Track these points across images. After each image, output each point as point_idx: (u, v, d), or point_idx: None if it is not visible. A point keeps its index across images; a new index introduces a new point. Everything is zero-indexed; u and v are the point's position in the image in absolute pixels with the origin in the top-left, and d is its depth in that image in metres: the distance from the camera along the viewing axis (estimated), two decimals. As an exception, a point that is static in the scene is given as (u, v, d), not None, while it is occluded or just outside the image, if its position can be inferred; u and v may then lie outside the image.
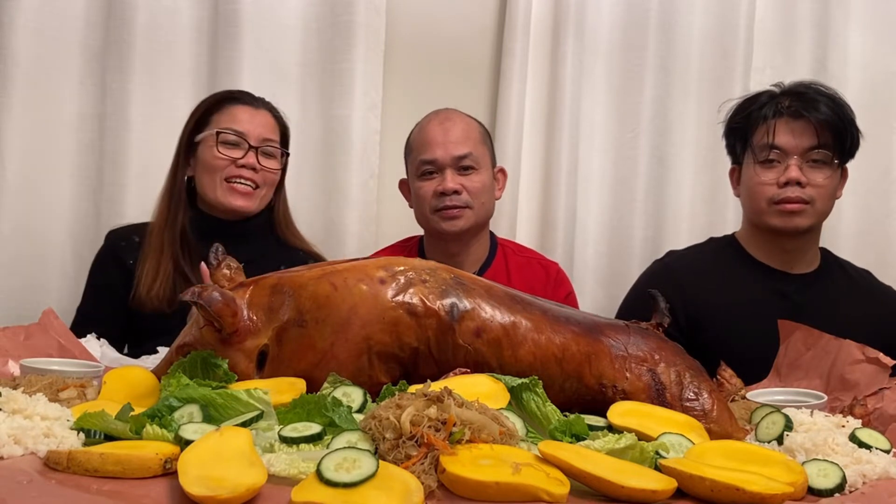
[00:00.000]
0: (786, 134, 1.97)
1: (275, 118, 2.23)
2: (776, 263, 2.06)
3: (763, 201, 2.00)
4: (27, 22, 2.53)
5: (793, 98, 2.00)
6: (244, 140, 2.13)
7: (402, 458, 0.96)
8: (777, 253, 2.05)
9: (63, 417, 1.08)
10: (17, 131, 2.53)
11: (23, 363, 1.42)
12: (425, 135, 2.18)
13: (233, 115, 2.16)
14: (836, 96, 2.01)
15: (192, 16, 2.66)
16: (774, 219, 1.99)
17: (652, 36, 2.82)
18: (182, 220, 2.15)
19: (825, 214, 2.03)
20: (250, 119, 2.16)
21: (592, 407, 1.27)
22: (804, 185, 1.96)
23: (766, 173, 1.99)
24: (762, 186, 1.99)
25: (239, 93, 2.24)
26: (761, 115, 2.01)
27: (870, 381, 1.47)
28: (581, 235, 2.84)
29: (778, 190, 1.97)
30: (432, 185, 2.15)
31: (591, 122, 2.85)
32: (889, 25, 2.90)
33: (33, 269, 2.57)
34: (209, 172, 2.14)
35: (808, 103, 1.97)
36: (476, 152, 2.17)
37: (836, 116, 1.96)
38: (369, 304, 1.28)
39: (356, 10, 2.66)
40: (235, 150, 2.13)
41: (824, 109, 1.96)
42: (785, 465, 1.02)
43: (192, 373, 1.24)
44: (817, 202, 1.98)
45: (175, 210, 2.16)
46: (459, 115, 2.23)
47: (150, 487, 0.91)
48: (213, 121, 2.17)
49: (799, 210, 1.97)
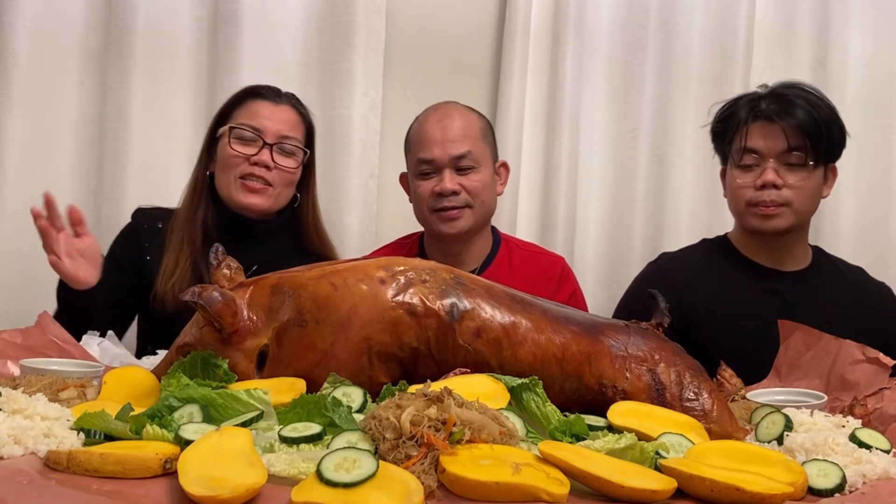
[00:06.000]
0: (760, 138, 2.01)
1: (299, 114, 2.17)
2: (767, 261, 2.09)
3: (742, 203, 2.04)
4: (27, 22, 2.52)
5: (771, 101, 2.03)
6: (259, 136, 2.08)
7: (402, 458, 0.96)
8: (766, 251, 2.09)
9: (63, 417, 1.08)
10: (17, 131, 2.53)
11: (22, 363, 1.42)
12: (424, 132, 2.14)
13: (252, 110, 2.12)
14: (816, 98, 2.03)
15: (192, 16, 2.65)
16: (752, 220, 2.04)
17: (652, 36, 2.82)
18: (204, 216, 2.11)
19: (807, 214, 2.06)
20: (269, 115, 2.11)
21: (592, 407, 1.27)
22: (780, 187, 1.99)
23: (744, 176, 2.03)
24: (740, 189, 2.04)
25: (263, 88, 2.18)
26: (739, 119, 2.05)
27: (870, 381, 1.47)
28: (581, 235, 2.83)
29: (755, 192, 2.01)
30: (430, 184, 2.12)
31: (591, 122, 2.84)
32: (889, 25, 2.89)
33: (33, 269, 2.56)
34: (224, 169, 2.10)
35: (785, 106, 2.00)
36: (475, 150, 2.12)
37: (810, 119, 1.98)
38: (369, 304, 1.28)
39: (356, 10, 2.66)
40: (250, 147, 2.08)
41: (799, 113, 1.99)
42: (785, 465, 1.02)
43: (192, 373, 1.24)
44: (795, 203, 2.00)
45: (197, 205, 2.12)
46: (459, 111, 2.18)
47: (150, 487, 0.91)
48: (234, 116, 2.13)
49: (775, 213, 2.00)
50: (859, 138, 2.86)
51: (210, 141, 2.16)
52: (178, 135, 2.65)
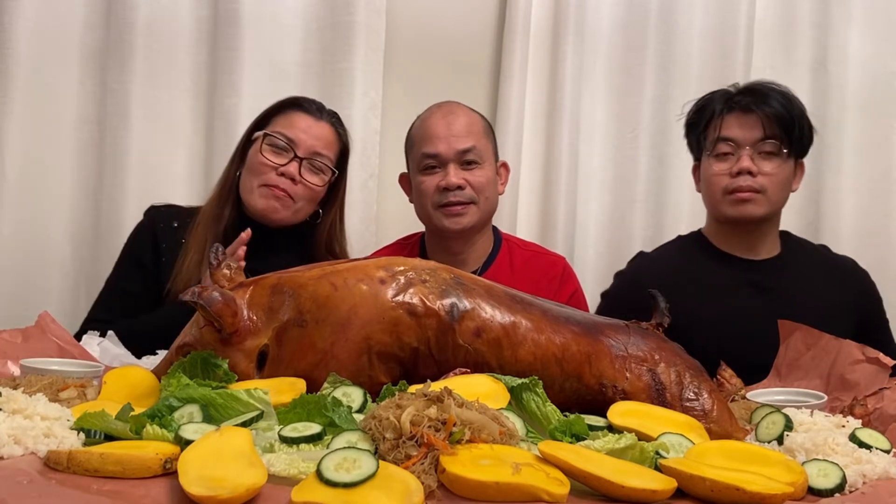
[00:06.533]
0: (737, 127, 2.06)
1: (336, 133, 2.15)
2: (740, 251, 2.12)
3: (718, 192, 2.08)
4: (27, 22, 2.53)
5: (745, 94, 2.09)
6: (292, 148, 2.06)
7: (402, 458, 0.96)
8: (739, 241, 2.12)
9: (63, 417, 1.08)
10: (17, 131, 2.53)
11: (23, 363, 1.42)
12: (428, 128, 2.14)
13: (291, 120, 2.10)
14: (788, 92, 2.11)
15: (192, 16, 2.65)
16: (728, 208, 2.07)
17: (652, 36, 2.82)
18: (228, 217, 2.09)
19: (779, 204, 2.10)
20: (306, 129, 2.09)
21: (592, 407, 1.27)
22: (755, 174, 2.03)
23: (720, 165, 2.08)
24: (716, 177, 2.08)
25: (306, 101, 2.16)
26: (714, 110, 2.10)
27: (870, 381, 1.47)
28: (581, 235, 2.84)
29: (731, 180, 2.05)
30: (435, 179, 2.11)
31: (591, 122, 2.85)
32: (889, 25, 2.90)
33: (33, 270, 2.57)
34: (250, 174, 2.08)
35: (759, 97, 2.06)
36: (479, 146, 2.13)
37: (784, 110, 2.05)
38: (369, 304, 1.28)
39: (356, 10, 2.66)
40: (281, 157, 2.06)
41: (774, 104, 2.05)
42: (785, 465, 1.02)
43: (192, 373, 1.24)
44: (769, 191, 2.05)
45: (223, 205, 2.10)
46: (462, 109, 2.19)
47: (150, 487, 0.91)
48: (272, 122, 2.10)
49: (750, 198, 2.04)
50: (859, 138, 2.87)
51: (245, 143, 2.14)
52: (178, 135, 2.65)
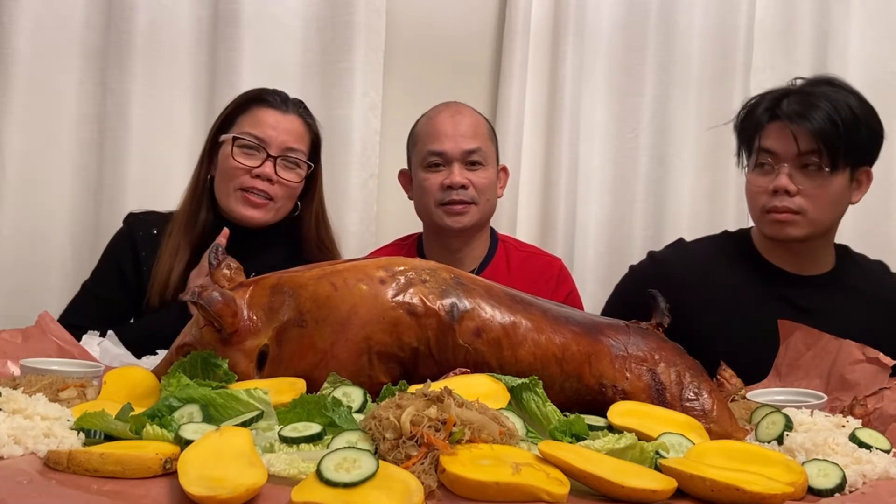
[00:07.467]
0: (777, 139, 1.89)
1: (305, 125, 2.10)
2: (784, 264, 1.97)
3: (757, 209, 1.94)
4: (27, 22, 2.52)
5: (792, 101, 1.90)
6: (263, 147, 2.01)
7: (402, 458, 0.95)
8: (784, 254, 1.97)
9: (63, 417, 1.08)
10: (17, 131, 2.53)
11: (23, 363, 1.42)
12: (434, 125, 2.15)
13: (257, 118, 2.04)
14: (841, 99, 1.89)
15: (192, 16, 2.65)
16: (766, 228, 1.92)
17: (652, 36, 2.83)
18: (203, 222, 2.05)
19: (823, 224, 1.91)
20: (275, 125, 2.03)
21: (592, 407, 1.26)
22: (793, 193, 1.86)
23: (759, 179, 1.92)
24: (755, 193, 1.93)
25: (270, 93, 2.10)
26: (757, 118, 1.94)
27: (870, 381, 1.47)
28: (581, 235, 2.84)
29: (768, 198, 1.89)
30: (439, 177, 2.12)
31: (591, 122, 2.85)
32: (889, 25, 2.90)
33: (33, 270, 2.57)
34: (224, 179, 2.04)
35: (807, 108, 1.86)
36: (484, 147, 2.15)
37: (828, 123, 1.84)
38: (369, 304, 1.28)
39: (356, 10, 2.66)
40: (253, 158, 2.01)
41: (817, 116, 1.85)
42: (785, 465, 1.02)
43: (192, 373, 1.24)
44: (810, 212, 1.87)
45: (196, 210, 2.06)
46: (469, 110, 2.21)
47: (150, 487, 0.91)
48: (238, 122, 2.05)
49: (788, 220, 1.88)
50: (859, 138, 2.87)
51: (212, 145, 2.09)
52: (178, 135, 2.65)
